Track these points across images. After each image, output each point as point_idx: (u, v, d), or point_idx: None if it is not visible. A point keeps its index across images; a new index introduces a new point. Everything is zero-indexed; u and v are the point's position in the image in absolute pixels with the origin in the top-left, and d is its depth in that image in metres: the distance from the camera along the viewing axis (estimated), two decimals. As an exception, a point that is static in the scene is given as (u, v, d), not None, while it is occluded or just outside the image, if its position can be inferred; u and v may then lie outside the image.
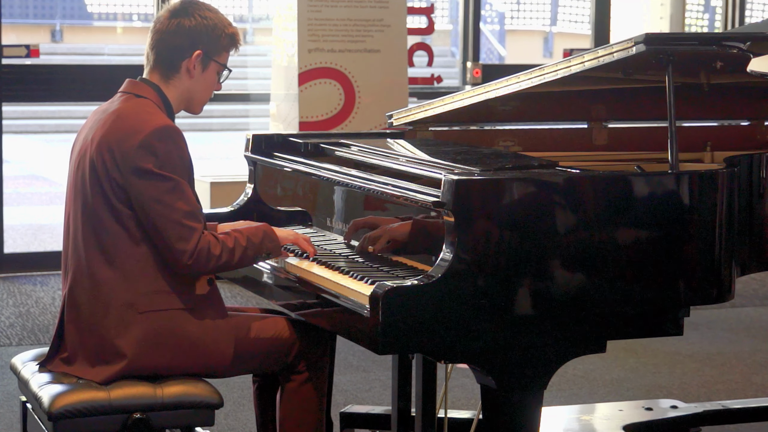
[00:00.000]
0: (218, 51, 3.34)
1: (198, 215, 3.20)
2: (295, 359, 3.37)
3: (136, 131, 3.17)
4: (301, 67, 6.96)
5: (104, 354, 3.20)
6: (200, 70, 3.33)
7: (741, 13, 9.48)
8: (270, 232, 3.34)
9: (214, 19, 3.33)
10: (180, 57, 3.30)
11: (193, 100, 3.37)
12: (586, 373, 5.54)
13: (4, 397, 5.03)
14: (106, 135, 3.20)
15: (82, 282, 3.25)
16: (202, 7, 3.34)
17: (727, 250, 3.20)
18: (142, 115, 3.22)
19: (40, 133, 16.16)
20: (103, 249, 3.20)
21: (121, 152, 3.17)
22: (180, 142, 3.20)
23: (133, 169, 3.15)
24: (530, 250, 2.97)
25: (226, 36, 3.34)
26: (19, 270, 7.45)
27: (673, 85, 3.27)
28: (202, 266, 3.19)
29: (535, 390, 3.03)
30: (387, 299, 2.82)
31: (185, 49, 3.30)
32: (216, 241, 3.21)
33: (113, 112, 3.26)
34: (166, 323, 3.20)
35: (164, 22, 3.31)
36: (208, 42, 3.32)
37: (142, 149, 3.15)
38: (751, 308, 7.02)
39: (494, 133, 4.11)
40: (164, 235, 3.16)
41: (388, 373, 4.10)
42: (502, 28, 21.70)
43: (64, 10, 20.76)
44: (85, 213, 3.24)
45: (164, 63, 3.31)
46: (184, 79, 3.32)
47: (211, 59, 3.33)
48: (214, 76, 3.36)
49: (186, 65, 3.31)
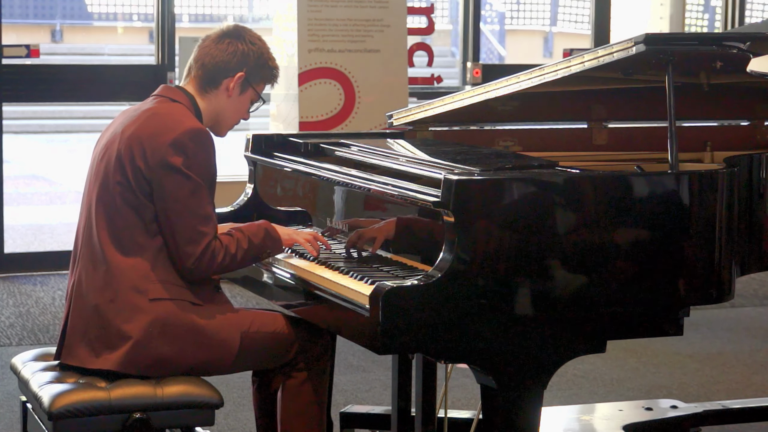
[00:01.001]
0: (258, 79, 3.43)
1: (212, 221, 3.25)
2: (296, 356, 3.38)
3: (170, 129, 3.24)
4: (301, 67, 6.96)
5: (108, 338, 3.21)
6: (238, 92, 3.41)
7: (741, 13, 9.48)
8: (272, 231, 3.37)
9: (261, 49, 3.44)
10: (224, 74, 3.39)
11: (221, 121, 3.45)
12: (586, 373, 5.54)
13: (4, 397, 5.03)
14: (138, 129, 3.27)
15: (93, 268, 3.27)
16: (253, 35, 3.45)
17: (727, 250, 3.20)
18: (177, 116, 3.29)
19: (40, 133, 16.14)
20: (119, 238, 3.25)
21: (151, 146, 3.22)
22: (210, 147, 3.27)
23: (161, 163, 3.21)
24: (530, 250, 2.97)
25: (268, 68, 3.45)
26: (19, 270, 7.44)
27: (673, 85, 3.27)
28: (204, 271, 3.24)
29: (535, 390, 3.03)
30: (387, 299, 2.83)
31: (231, 68, 3.39)
32: (221, 245, 3.25)
33: (148, 110, 3.32)
34: (176, 312, 3.23)
35: (215, 40, 3.41)
36: (253, 67, 3.41)
37: (173, 146, 3.21)
38: (751, 308, 7.02)
39: (494, 133, 4.11)
40: (176, 234, 3.21)
41: (388, 373, 4.09)
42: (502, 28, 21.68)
43: (64, 10, 20.75)
44: (105, 201, 3.28)
45: (207, 76, 3.39)
46: (220, 97, 3.40)
47: (250, 85, 3.41)
48: (247, 103, 3.45)
49: (227, 83, 3.39)
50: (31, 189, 12.21)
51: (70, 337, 3.29)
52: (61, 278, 7.12)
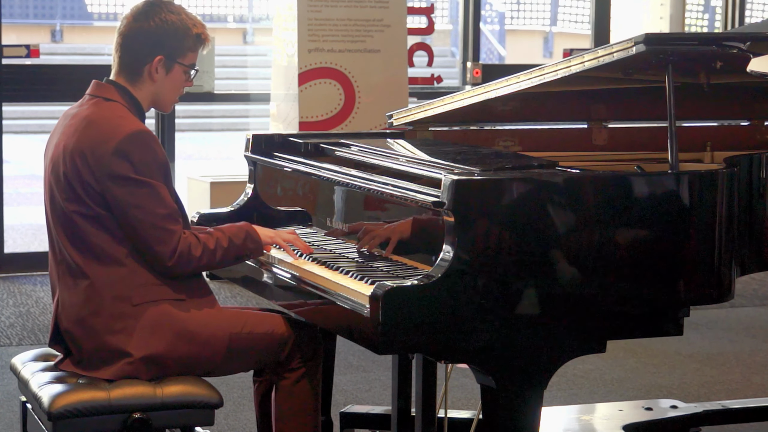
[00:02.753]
0: (182, 52, 3.33)
1: (176, 217, 3.22)
2: (290, 355, 3.37)
3: (109, 137, 3.18)
4: (301, 67, 6.96)
5: (101, 355, 3.21)
6: (164, 74, 3.32)
7: (741, 13, 9.48)
8: (252, 233, 3.36)
9: (176, 22, 3.30)
10: (142, 62, 3.30)
11: (160, 101, 3.37)
12: (586, 373, 5.54)
13: (4, 397, 5.03)
14: (78, 142, 3.21)
15: (74, 285, 3.25)
16: (165, 9, 3.31)
17: (727, 250, 3.20)
18: (114, 120, 3.22)
19: (40, 133, 16.12)
20: (89, 251, 3.21)
21: (94, 158, 3.17)
22: (153, 145, 3.21)
23: (109, 176, 3.16)
24: (530, 250, 2.97)
25: (190, 37, 3.33)
26: (19, 270, 7.44)
27: (673, 85, 3.27)
28: (184, 267, 3.22)
29: (535, 390, 3.03)
30: (387, 299, 2.83)
31: (146, 54, 3.30)
32: (197, 242, 3.23)
33: (84, 117, 3.26)
34: (160, 313, 3.22)
35: (127, 26, 3.31)
36: (171, 45, 3.30)
37: (116, 155, 3.16)
38: (751, 308, 7.02)
39: (494, 133, 4.11)
40: (144, 238, 3.19)
41: (388, 373, 4.09)
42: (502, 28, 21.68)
43: (64, 10, 20.75)
44: (62, 221, 3.24)
45: (128, 67, 3.32)
46: (147, 83, 3.33)
47: (175, 62, 3.32)
48: (180, 76, 3.35)
49: (148, 69, 3.31)
50: (30, 189, 12.20)
51: (74, 351, 3.27)
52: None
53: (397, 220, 3.27)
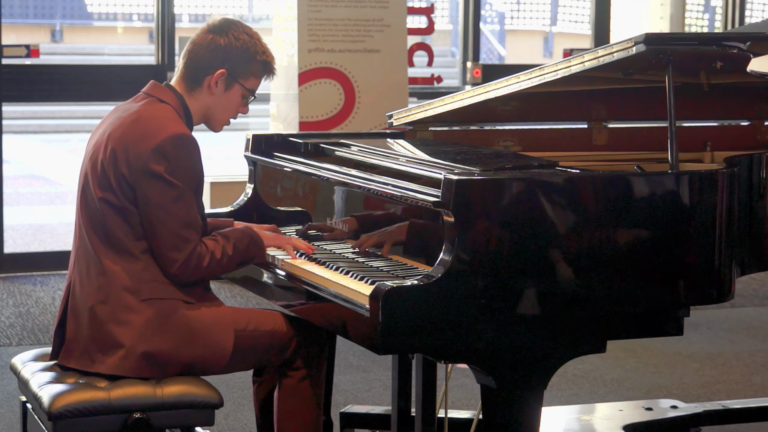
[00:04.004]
0: (246, 74, 3.36)
1: (196, 226, 3.24)
2: (293, 355, 3.37)
3: (153, 135, 3.21)
4: (301, 67, 6.96)
5: (102, 342, 3.21)
6: (222, 90, 3.36)
7: (741, 13, 9.48)
8: (256, 238, 3.37)
9: (247, 43, 3.36)
10: (204, 72, 3.34)
11: (211, 118, 3.41)
12: (586, 373, 5.54)
13: (4, 397, 5.03)
14: (123, 134, 3.24)
15: (87, 271, 3.27)
16: (240, 29, 3.37)
17: (727, 250, 3.20)
18: (161, 121, 3.26)
19: (40, 133, 16.15)
20: (108, 241, 3.24)
21: (135, 152, 3.20)
22: (194, 151, 3.24)
23: (144, 170, 3.19)
24: (530, 250, 2.97)
25: (257, 62, 3.37)
26: (19, 270, 7.44)
27: (673, 85, 3.27)
28: (189, 276, 3.24)
29: (535, 390, 3.03)
30: (387, 299, 2.83)
31: (211, 66, 3.33)
32: (206, 251, 3.24)
33: (134, 112, 3.29)
34: (168, 311, 3.23)
35: (200, 36, 3.37)
36: (236, 64, 3.34)
37: (155, 153, 3.19)
38: (751, 308, 7.02)
39: (494, 133, 4.11)
40: (160, 240, 3.20)
41: (388, 373, 4.09)
42: (502, 28, 21.69)
43: (64, 10, 20.76)
44: (89, 207, 3.27)
45: (190, 75, 3.35)
46: (204, 95, 3.36)
47: (236, 81, 3.36)
48: (237, 99, 3.38)
49: (208, 81, 3.34)
50: (30, 189, 12.21)
51: (67, 341, 3.29)
52: (61, 278, 7.12)
53: (396, 220, 3.27)
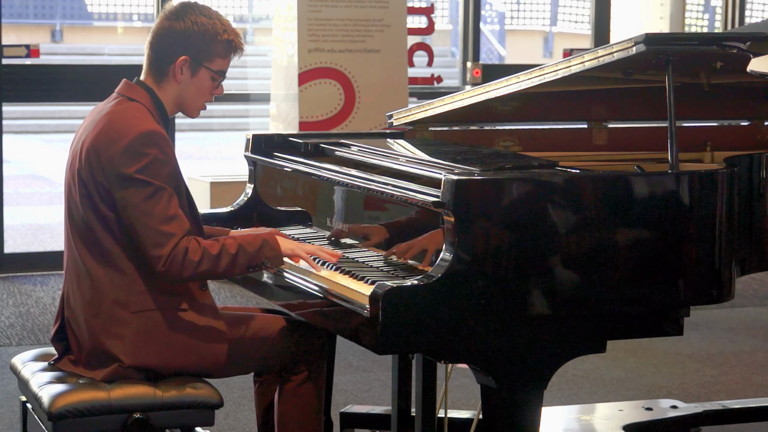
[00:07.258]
0: (210, 56, 3.27)
1: (179, 222, 3.14)
2: (294, 359, 3.36)
3: (121, 136, 3.14)
4: (301, 67, 6.96)
5: (98, 355, 3.21)
6: (188, 76, 3.27)
7: (741, 13, 9.48)
8: (272, 241, 3.24)
9: (206, 25, 3.25)
10: (167, 62, 3.26)
11: (185, 105, 3.32)
12: (586, 373, 5.54)
13: (4, 397, 5.03)
14: (94, 139, 3.18)
15: (78, 282, 3.25)
16: (197, 11, 3.27)
17: (727, 250, 3.20)
18: (129, 120, 3.18)
19: (40, 133, 16.15)
20: (95, 250, 3.20)
21: (106, 157, 3.15)
22: (164, 147, 3.15)
23: (117, 175, 3.13)
24: (530, 250, 2.97)
25: (219, 42, 3.27)
26: (19, 270, 7.45)
27: (673, 85, 3.27)
28: (177, 273, 3.12)
29: (536, 390, 3.03)
30: (387, 299, 2.82)
31: (172, 53, 3.25)
32: (197, 246, 3.13)
33: (105, 115, 3.23)
34: (160, 322, 3.19)
35: (158, 25, 3.29)
36: (198, 48, 3.25)
37: (125, 154, 3.12)
38: (751, 308, 7.02)
39: (494, 133, 4.11)
40: (141, 240, 3.13)
41: (388, 373, 4.09)
42: (502, 28, 21.69)
43: (64, 10, 20.75)
44: (76, 215, 3.23)
45: (154, 66, 3.28)
46: (172, 84, 3.28)
47: (201, 65, 3.27)
48: (207, 81, 3.29)
49: (173, 70, 3.26)
50: (30, 189, 12.21)
51: (72, 348, 3.28)
52: (60, 278, 7.12)
53: (396, 220, 3.27)
